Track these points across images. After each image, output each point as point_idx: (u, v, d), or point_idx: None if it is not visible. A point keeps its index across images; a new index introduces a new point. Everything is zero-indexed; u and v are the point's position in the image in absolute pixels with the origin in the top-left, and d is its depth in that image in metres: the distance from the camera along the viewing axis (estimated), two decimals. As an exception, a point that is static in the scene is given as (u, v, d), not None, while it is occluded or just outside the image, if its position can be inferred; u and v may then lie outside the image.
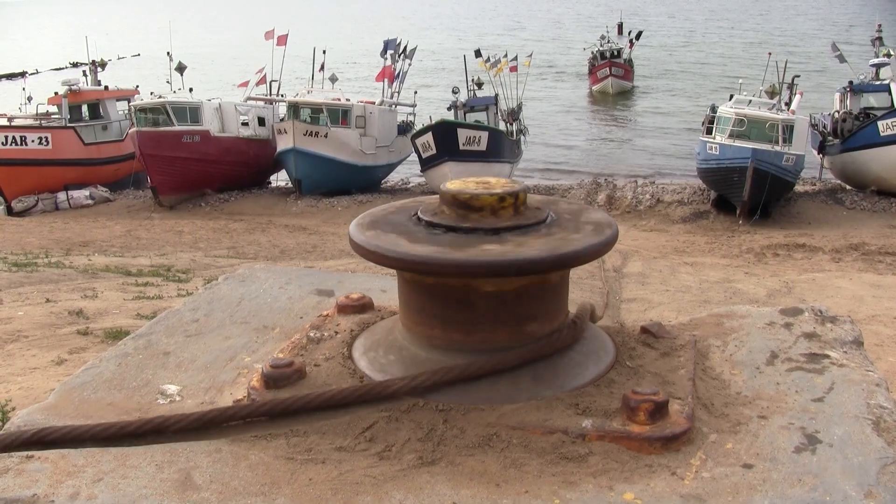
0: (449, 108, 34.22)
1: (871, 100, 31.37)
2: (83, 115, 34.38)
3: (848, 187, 30.26)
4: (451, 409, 1.39)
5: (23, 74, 36.24)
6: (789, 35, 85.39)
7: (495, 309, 1.46)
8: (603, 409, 1.38)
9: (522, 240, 1.40)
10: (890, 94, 30.16)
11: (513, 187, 1.50)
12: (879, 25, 34.83)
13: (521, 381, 1.44)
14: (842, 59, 32.43)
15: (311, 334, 1.72)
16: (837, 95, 32.64)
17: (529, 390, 1.42)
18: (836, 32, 77.16)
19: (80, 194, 31.23)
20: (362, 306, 1.82)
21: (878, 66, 31.63)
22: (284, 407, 1.40)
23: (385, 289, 2.11)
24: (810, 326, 1.79)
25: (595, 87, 57.69)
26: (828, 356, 1.65)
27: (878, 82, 31.30)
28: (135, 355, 1.80)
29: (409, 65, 36.48)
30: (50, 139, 31.56)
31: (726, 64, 67.58)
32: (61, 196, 31.05)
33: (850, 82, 31.73)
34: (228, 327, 1.94)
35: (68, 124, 32.89)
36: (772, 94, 28.88)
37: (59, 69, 37.01)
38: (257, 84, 35.09)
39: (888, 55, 31.85)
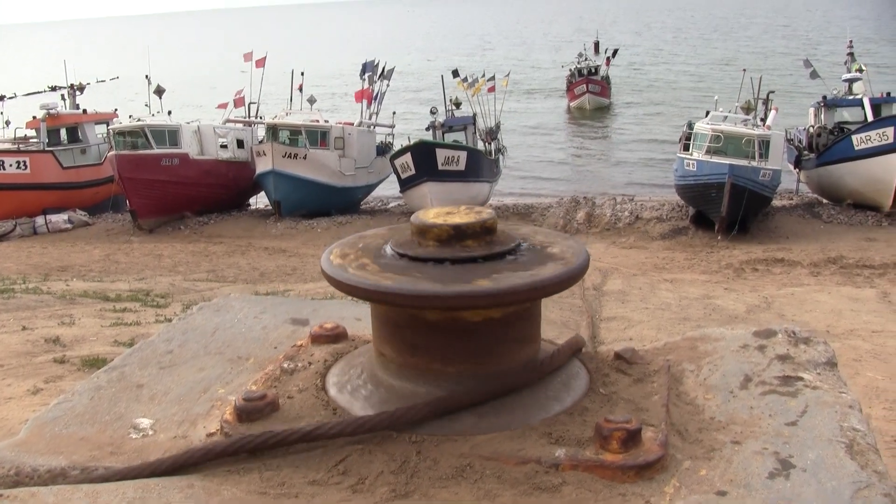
0: (427, 129, 34.31)
1: (845, 114, 31.85)
2: (61, 138, 34.23)
3: (824, 201, 30.60)
4: (425, 441, 1.39)
5: (0, 98, 35.94)
6: (757, 53, 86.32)
7: (468, 339, 1.45)
8: (576, 437, 1.37)
9: (494, 270, 1.40)
10: (863, 108, 30.59)
11: (483, 216, 1.50)
12: (850, 42, 35.36)
13: (494, 410, 1.43)
14: (814, 75, 32.85)
15: (285, 365, 1.70)
16: (812, 110, 33.10)
17: (503, 420, 1.42)
18: (804, 48, 78.06)
19: (59, 218, 30.99)
20: (336, 336, 1.81)
21: (851, 81, 32.11)
22: (258, 444, 1.39)
23: (359, 317, 2.09)
24: (784, 348, 1.79)
25: (573, 104, 58.36)
26: (801, 378, 1.65)
27: (851, 97, 31.75)
28: (108, 388, 1.77)
29: (388, 86, 36.58)
30: (28, 163, 31.40)
31: (699, 81, 68.37)
32: (39, 220, 30.80)
33: (824, 97, 32.16)
34: (202, 358, 1.92)
35: (46, 148, 32.73)
36: (747, 109, 29.19)
37: (37, 93, 36.70)
38: (236, 106, 35.05)
39: (860, 70, 32.33)
